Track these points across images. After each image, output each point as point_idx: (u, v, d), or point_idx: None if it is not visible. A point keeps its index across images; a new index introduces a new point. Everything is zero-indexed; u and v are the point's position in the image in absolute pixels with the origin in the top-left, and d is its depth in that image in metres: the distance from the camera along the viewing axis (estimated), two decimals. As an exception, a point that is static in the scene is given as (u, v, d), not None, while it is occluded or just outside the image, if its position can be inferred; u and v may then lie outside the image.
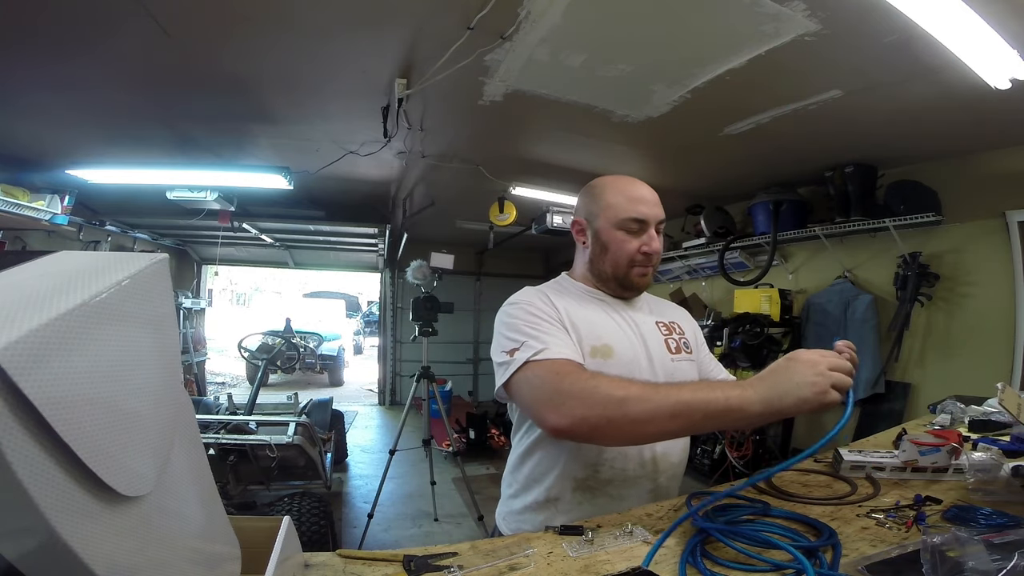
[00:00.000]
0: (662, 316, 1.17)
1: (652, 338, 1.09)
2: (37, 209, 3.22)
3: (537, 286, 1.14)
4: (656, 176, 3.64)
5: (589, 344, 1.00)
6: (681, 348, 1.13)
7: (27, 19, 1.76)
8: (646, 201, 1.08)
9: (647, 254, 1.07)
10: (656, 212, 1.08)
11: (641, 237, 1.07)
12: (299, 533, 0.73)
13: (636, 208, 1.06)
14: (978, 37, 1.54)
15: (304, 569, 0.74)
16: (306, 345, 7.69)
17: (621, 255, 1.08)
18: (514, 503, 1.10)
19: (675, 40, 1.89)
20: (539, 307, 1.01)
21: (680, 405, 0.79)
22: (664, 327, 1.14)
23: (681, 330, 1.17)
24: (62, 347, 0.31)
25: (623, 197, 1.08)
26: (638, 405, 0.80)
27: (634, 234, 1.07)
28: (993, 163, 2.70)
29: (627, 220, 1.06)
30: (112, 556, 0.34)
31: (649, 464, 1.02)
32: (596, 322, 1.05)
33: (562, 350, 0.91)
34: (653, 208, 1.08)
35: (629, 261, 1.08)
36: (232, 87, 2.33)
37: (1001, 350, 2.65)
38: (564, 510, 1.01)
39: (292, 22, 1.82)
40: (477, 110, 2.50)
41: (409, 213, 4.78)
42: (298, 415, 3.01)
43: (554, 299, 1.06)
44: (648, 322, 1.12)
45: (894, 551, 0.76)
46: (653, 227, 1.07)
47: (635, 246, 1.07)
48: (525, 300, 1.03)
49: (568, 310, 1.04)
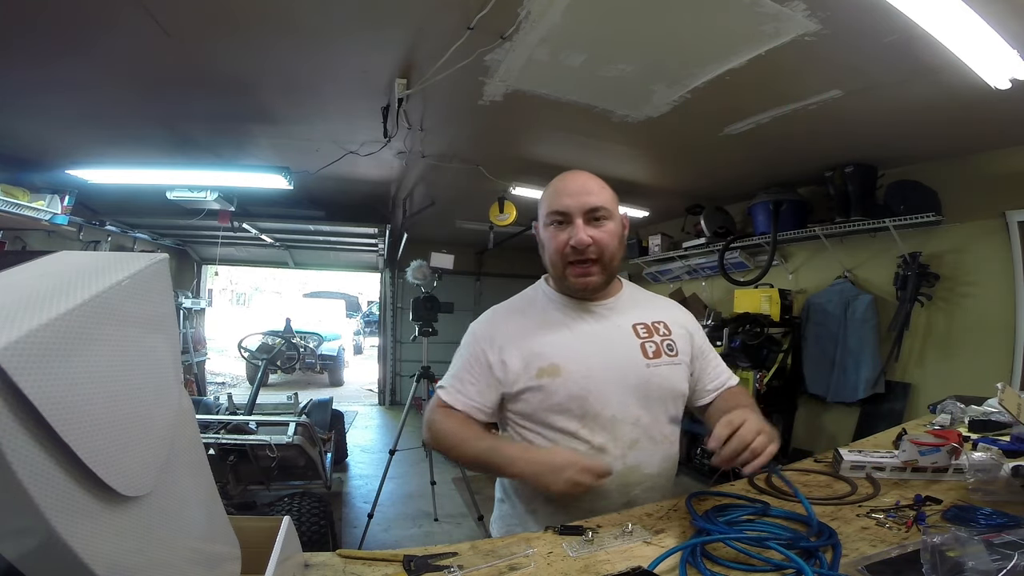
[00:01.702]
0: (645, 316, 1.11)
1: (622, 345, 1.05)
2: (37, 209, 3.22)
3: (505, 303, 1.16)
4: (656, 176, 3.66)
5: (536, 367, 1.02)
6: (662, 352, 1.06)
7: (27, 19, 1.76)
8: (570, 192, 1.03)
9: (576, 248, 1.01)
10: (582, 201, 1.01)
11: (567, 230, 1.02)
12: (299, 533, 0.73)
13: (559, 200, 1.03)
14: (978, 37, 1.54)
15: (304, 569, 0.74)
16: (306, 345, 7.69)
17: (551, 251, 1.05)
18: (502, 507, 1.12)
19: (675, 40, 1.89)
20: (478, 350, 1.06)
21: (471, 459, 1.01)
22: (645, 328, 1.08)
23: (667, 330, 1.10)
24: (62, 347, 0.31)
25: (551, 191, 1.06)
26: (452, 452, 1.02)
27: (560, 227, 1.03)
28: (993, 163, 2.70)
29: (551, 214, 1.04)
30: (112, 556, 0.34)
31: (621, 477, 1.00)
32: (547, 340, 1.04)
33: (457, 397, 1.05)
34: (579, 198, 1.02)
35: (561, 258, 1.04)
36: (232, 87, 2.33)
37: (1001, 350, 2.65)
38: (542, 521, 1.01)
39: (292, 22, 1.81)
40: (477, 110, 2.50)
41: (409, 213, 4.78)
42: (298, 415, 3.01)
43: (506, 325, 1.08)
44: (622, 327, 1.07)
45: (894, 551, 0.77)
46: (580, 218, 1.01)
47: (562, 240, 1.02)
48: (477, 333, 1.09)
49: (514, 338, 1.05)
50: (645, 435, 1.03)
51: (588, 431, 1.01)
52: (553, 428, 1.02)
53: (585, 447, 1.00)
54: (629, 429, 1.02)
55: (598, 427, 1.01)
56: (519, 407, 1.04)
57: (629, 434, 1.02)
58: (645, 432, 1.03)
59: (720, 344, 3.62)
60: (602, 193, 1.04)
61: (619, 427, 1.01)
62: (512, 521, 1.09)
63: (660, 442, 1.05)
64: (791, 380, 3.59)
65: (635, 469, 1.02)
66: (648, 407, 1.03)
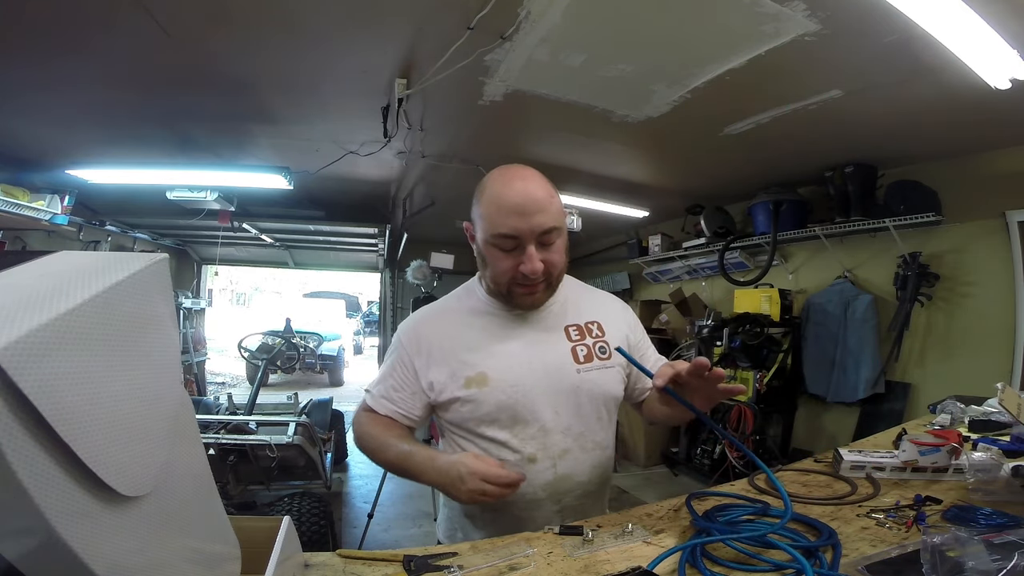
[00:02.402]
0: (579, 317, 1.06)
1: (553, 351, 1.01)
2: (37, 209, 3.22)
3: (435, 305, 1.13)
4: (656, 176, 3.66)
5: (463, 376, 0.99)
6: (593, 355, 1.03)
7: (27, 19, 1.76)
8: (520, 211, 0.89)
9: (527, 275, 0.92)
10: (534, 223, 0.89)
11: (517, 255, 0.92)
12: (299, 533, 0.73)
13: (506, 222, 0.90)
14: (978, 37, 1.54)
15: (304, 569, 0.74)
16: (306, 345, 7.69)
17: (497, 273, 0.95)
18: (445, 511, 1.11)
19: (675, 40, 1.89)
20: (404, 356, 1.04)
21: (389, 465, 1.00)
22: (577, 331, 1.04)
23: (600, 331, 1.06)
24: (62, 347, 0.31)
25: (495, 207, 0.91)
26: (373, 456, 1.02)
27: (508, 252, 0.93)
28: (993, 163, 2.70)
29: (497, 236, 0.92)
30: (112, 556, 0.34)
31: (551, 486, 0.99)
32: (476, 347, 1.00)
33: (381, 402, 1.04)
34: (530, 220, 0.89)
35: (507, 280, 0.95)
36: (232, 87, 2.33)
37: (1001, 350, 2.65)
38: (480, 526, 1.02)
39: (292, 22, 1.81)
40: (477, 110, 2.50)
41: (409, 213, 4.77)
42: (298, 415, 3.01)
43: (433, 330, 1.05)
44: (553, 331, 1.04)
45: (894, 551, 0.77)
46: (531, 243, 0.91)
47: (510, 265, 0.93)
48: (403, 337, 1.06)
49: (442, 345, 1.01)
50: (576, 444, 1.01)
51: (518, 441, 0.98)
52: (483, 437, 1.00)
53: (516, 457, 0.98)
54: (560, 439, 0.99)
55: (528, 437, 0.98)
56: (449, 416, 1.02)
57: (560, 443, 0.99)
58: (576, 441, 1.01)
59: (720, 344, 3.62)
60: (552, 205, 0.93)
61: (550, 436, 0.99)
62: (454, 525, 1.08)
63: (591, 450, 1.03)
64: (791, 380, 3.59)
65: (567, 478, 1.00)
66: (579, 414, 1.01)
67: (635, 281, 5.60)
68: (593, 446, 1.03)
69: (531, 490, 0.97)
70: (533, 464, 0.98)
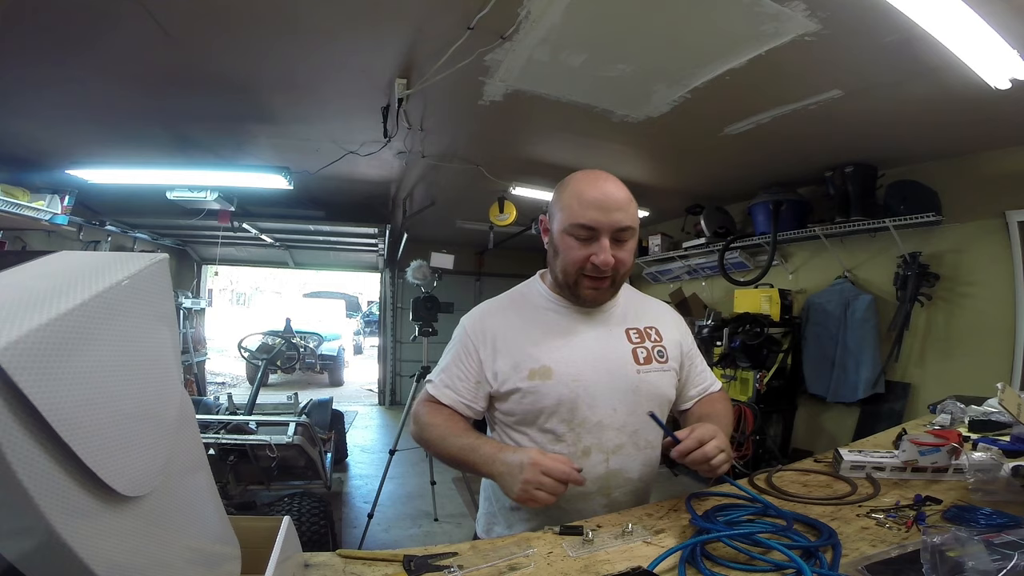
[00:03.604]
0: (639, 321, 1.11)
1: (615, 351, 1.05)
2: (37, 209, 3.21)
3: (498, 299, 1.15)
4: (656, 176, 3.66)
5: (527, 368, 1.01)
6: (652, 358, 1.06)
7: (27, 19, 1.76)
8: (601, 207, 0.96)
9: (597, 266, 0.97)
10: (613, 219, 0.96)
11: (591, 246, 0.98)
12: (299, 533, 0.73)
13: (585, 213, 0.96)
14: (978, 37, 1.54)
15: (304, 569, 0.74)
16: (306, 345, 7.68)
17: (568, 263, 1.00)
18: (486, 505, 1.12)
19: (675, 40, 1.89)
20: (469, 346, 1.06)
21: (452, 455, 1.00)
22: (637, 334, 1.08)
23: (659, 336, 1.10)
24: (62, 347, 0.31)
25: (577, 200, 0.98)
26: (435, 446, 1.02)
27: (583, 242, 0.98)
28: (993, 163, 2.70)
29: (575, 226, 0.97)
30: (112, 556, 0.34)
31: (602, 480, 1.01)
32: (540, 342, 1.03)
33: (444, 391, 1.06)
34: (609, 215, 0.96)
35: (577, 271, 1.00)
36: (232, 87, 2.33)
37: (1001, 350, 2.65)
38: (525, 518, 1.03)
39: (292, 22, 1.81)
40: (477, 110, 2.50)
41: (409, 213, 4.78)
42: (298, 415, 3.01)
43: (499, 322, 1.07)
44: (615, 332, 1.07)
45: (894, 551, 0.77)
46: (606, 236, 0.96)
47: (582, 255, 0.98)
48: (468, 328, 1.08)
49: (507, 337, 1.04)
50: (630, 441, 1.03)
51: (574, 434, 1.01)
52: (540, 429, 1.02)
53: (570, 450, 1.00)
54: (615, 434, 1.02)
55: (584, 431, 1.01)
56: (507, 407, 1.04)
57: (615, 439, 1.02)
58: (631, 438, 1.03)
59: (720, 344, 3.62)
60: (630, 208, 1.00)
61: (605, 432, 1.01)
62: (495, 519, 1.09)
63: (644, 448, 1.05)
64: (791, 380, 3.59)
65: (617, 473, 1.02)
66: (635, 413, 1.03)
67: (635, 281, 5.61)
68: (646, 444, 1.06)
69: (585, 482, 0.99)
70: (587, 457, 1.00)
